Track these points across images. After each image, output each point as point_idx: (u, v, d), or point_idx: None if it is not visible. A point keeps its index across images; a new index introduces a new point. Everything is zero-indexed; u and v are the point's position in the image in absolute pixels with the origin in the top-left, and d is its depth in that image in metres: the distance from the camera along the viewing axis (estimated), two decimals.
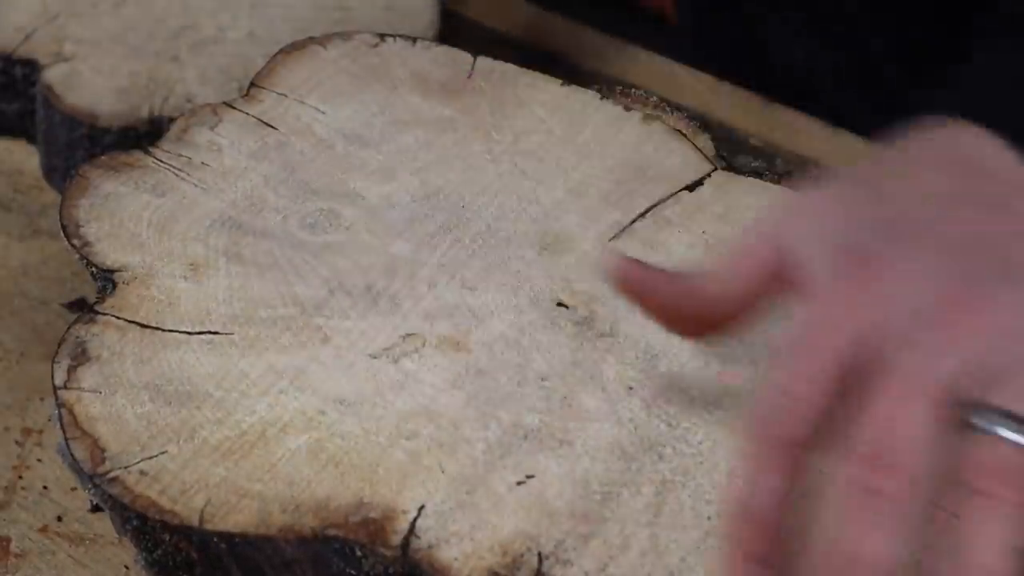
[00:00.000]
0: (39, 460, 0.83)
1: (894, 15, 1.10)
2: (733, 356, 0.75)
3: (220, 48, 1.00)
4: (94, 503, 0.77)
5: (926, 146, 0.69)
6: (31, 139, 1.01)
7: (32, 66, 0.98)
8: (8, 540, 0.79)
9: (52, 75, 0.97)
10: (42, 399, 0.86)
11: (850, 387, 0.59)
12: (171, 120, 0.89)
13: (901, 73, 1.12)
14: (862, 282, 0.61)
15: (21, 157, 1.01)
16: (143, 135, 0.93)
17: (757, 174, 0.85)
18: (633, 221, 0.82)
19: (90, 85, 0.96)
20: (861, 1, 1.12)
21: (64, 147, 0.96)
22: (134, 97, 0.96)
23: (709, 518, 0.69)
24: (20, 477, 0.82)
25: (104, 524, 0.79)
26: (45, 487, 0.82)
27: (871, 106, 1.13)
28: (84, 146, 0.94)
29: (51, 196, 0.98)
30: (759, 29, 1.18)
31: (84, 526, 0.80)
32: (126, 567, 0.78)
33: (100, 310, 0.77)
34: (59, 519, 0.81)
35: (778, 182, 0.84)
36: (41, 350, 0.88)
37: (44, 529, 0.80)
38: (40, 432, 0.85)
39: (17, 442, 0.84)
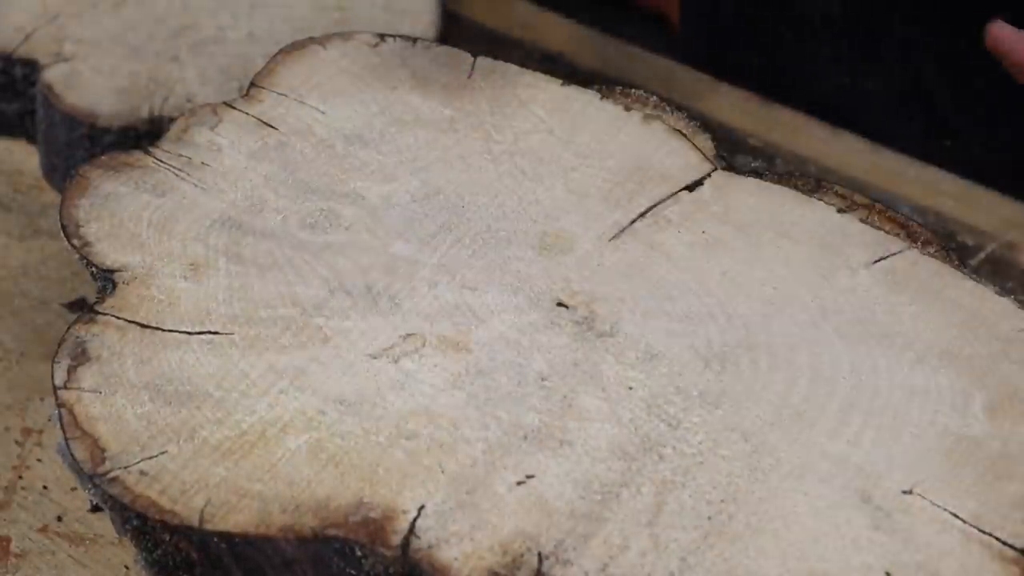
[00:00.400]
0: (39, 460, 0.83)
1: (945, 36, 1.10)
2: (733, 356, 0.75)
3: (220, 48, 1.00)
4: (94, 503, 0.77)
5: None
6: (31, 139, 1.01)
7: (32, 66, 0.98)
8: (8, 540, 0.79)
9: (52, 75, 0.97)
10: (42, 399, 0.86)
11: None
12: (171, 120, 0.89)
13: (951, 95, 1.12)
14: None
15: (21, 157, 1.01)
16: (143, 135, 0.94)
17: (757, 174, 0.85)
18: (633, 221, 0.82)
19: (90, 85, 0.96)
20: (912, 24, 1.12)
21: (64, 147, 0.96)
22: (134, 97, 0.96)
23: (709, 518, 0.69)
24: (20, 477, 0.82)
25: (104, 524, 0.79)
26: (45, 487, 0.82)
27: (920, 129, 1.13)
28: (84, 146, 0.94)
29: (51, 196, 0.98)
30: (781, 56, 1.18)
31: (84, 526, 0.80)
32: (126, 567, 0.79)
33: (100, 310, 0.77)
34: (59, 519, 0.81)
35: (778, 182, 0.84)
36: (41, 350, 0.89)
37: (44, 529, 0.80)
38: (40, 432, 0.85)
39: (17, 442, 0.84)
